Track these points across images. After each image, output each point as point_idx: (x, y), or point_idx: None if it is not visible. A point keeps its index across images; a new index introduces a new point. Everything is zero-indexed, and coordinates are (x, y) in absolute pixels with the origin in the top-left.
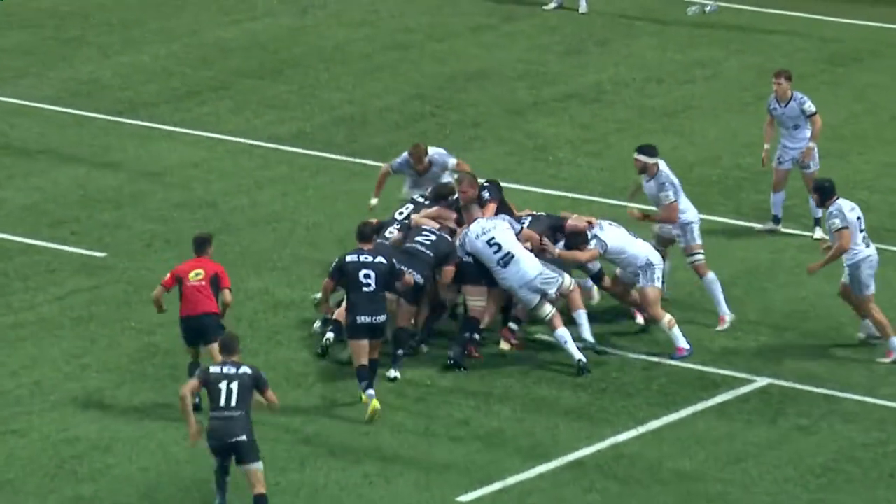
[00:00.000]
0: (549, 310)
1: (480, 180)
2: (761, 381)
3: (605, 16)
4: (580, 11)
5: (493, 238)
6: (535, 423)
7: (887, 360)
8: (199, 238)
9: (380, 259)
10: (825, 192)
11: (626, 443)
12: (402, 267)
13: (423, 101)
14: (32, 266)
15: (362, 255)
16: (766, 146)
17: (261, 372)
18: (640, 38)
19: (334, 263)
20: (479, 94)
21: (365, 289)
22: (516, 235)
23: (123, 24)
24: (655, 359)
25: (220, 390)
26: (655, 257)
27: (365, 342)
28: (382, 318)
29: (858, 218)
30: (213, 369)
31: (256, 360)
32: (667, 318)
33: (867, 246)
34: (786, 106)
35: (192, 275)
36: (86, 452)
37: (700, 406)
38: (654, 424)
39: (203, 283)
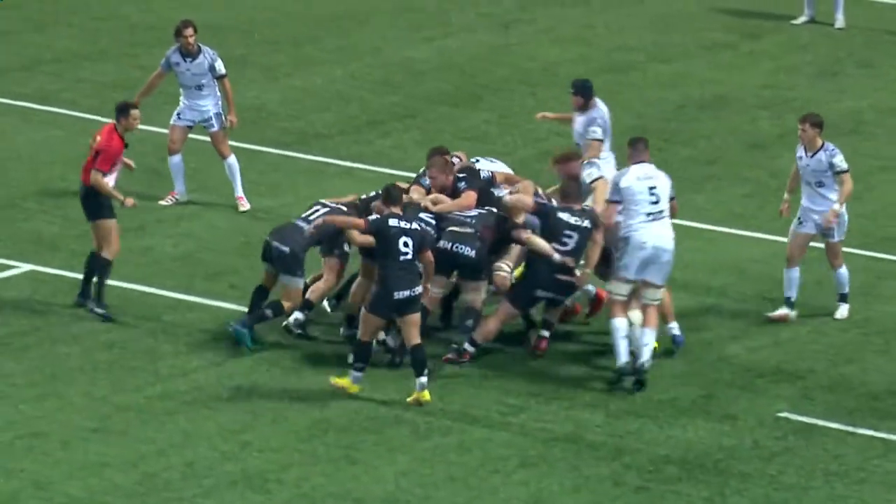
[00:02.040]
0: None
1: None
2: None
3: (866, 32)
4: (836, 27)
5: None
6: None
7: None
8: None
9: (415, 225)
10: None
11: None
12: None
13: (647, 134)
14: (184, 325)
15: (402, 220)
16: (787, 196)
17: None
18: None
19: (372, 222)
20: (714, 124)
21: (402, 258)
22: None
23: (293, 42)
24: None
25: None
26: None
27: (381, 322)
28: (419, 289)
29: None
30: None
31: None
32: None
33: None
34: (812, 156)
35: None
36: None
37: None
38: None
39: None
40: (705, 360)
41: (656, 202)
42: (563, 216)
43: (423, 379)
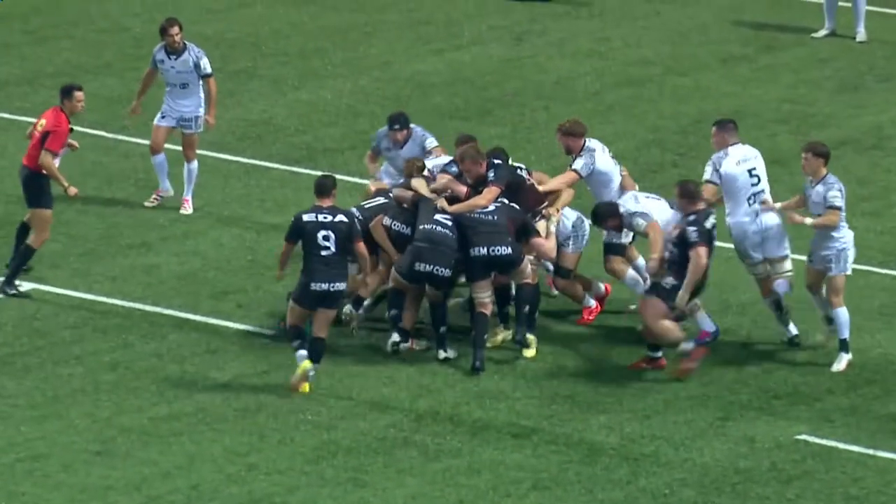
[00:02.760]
0: None
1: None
2: None
3: (888, 45)
4: (857, 40)
5: None
6: None
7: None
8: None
9: (340, 218)
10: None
11: None
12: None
13: (663, 149)
14: (190, 346)
15: (321, 213)
16: (778, 205)
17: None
18: None
19: (291, 224)
20: None
21: (323, 252)
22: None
23: (301, 54)
24: None
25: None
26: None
27: (305, 311)
28: (341, 285)
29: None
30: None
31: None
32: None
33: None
34: (814, 186)
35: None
36: None
37: None
38: None
39: None
40: (722, 381)
41: (757, 184)
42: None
43: (310, 366)
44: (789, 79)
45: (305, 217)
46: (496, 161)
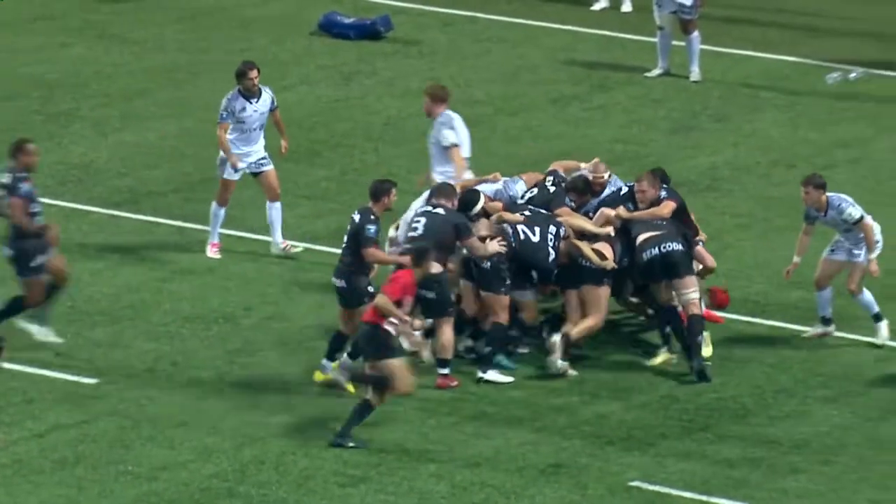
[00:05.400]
0: None
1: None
2: None
3: (722, 85)
4: (692, 79)
5: None
6: None
7: None
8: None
9: (355, 215)
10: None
11: None
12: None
13: None
14: (5, 395)
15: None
16: (796, 259)
17: None
18: (766, 111)
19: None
20: None
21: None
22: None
23: (124, 95)
24: None
25: None
26: None
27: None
28: (339, 282)
29: None
30: None
31: None
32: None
33: None
34: (825, 215)
35: None
36: None
37: None
38: None
39: None
40: (555, 426)
41: None
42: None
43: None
44: (622, 119)
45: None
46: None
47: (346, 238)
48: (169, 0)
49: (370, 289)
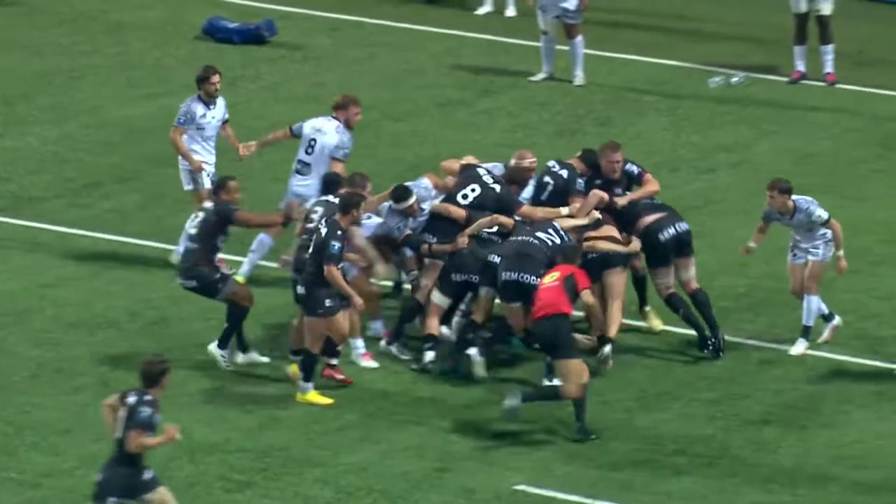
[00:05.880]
0: None
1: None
2: None
3: (606, 89)
4: (575, 83)
5: None
6: None
7: None
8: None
9: (322, 227)
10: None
11: None
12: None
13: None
14: None
15: None
16: (752, 244)
17: None
18: (649, 115)
19: None
20: None
21: None
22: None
23: (4, 101)
24: None
25: None
26: None
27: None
28: (301, 289)
29: None
30: None
31: None
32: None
33: None
34: (791, 218)
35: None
36: None
37: None
38: None
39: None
40: (440, 430)
41: None
42: None
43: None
44: (507, 123)
45: None
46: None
47: (310, 248)
48: (50, 4)
49: (328, 302)
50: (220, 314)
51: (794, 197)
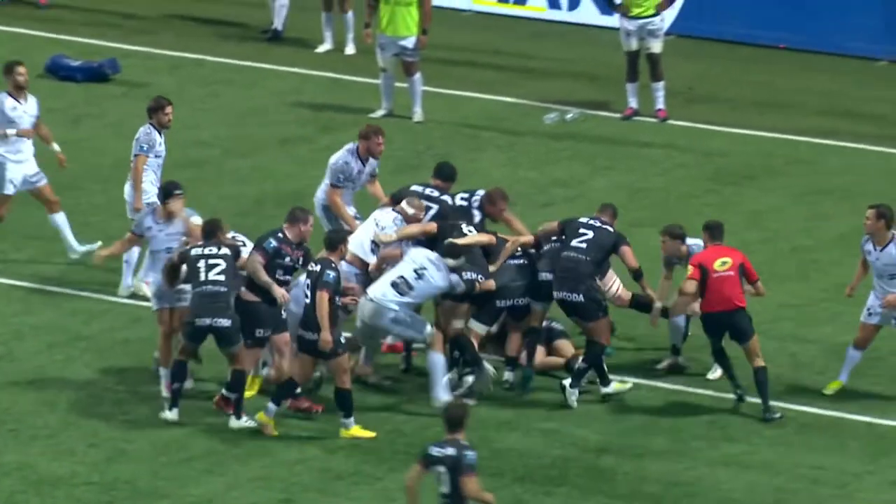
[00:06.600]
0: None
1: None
2: None
3: (444, 125)
4: (414, 120)
5: None
6: None
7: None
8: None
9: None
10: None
11: None
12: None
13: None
14: None
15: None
16: (658, 305)
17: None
18: (487, 151)
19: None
20: None
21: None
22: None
23: None
24: None
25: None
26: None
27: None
28: (309, 335)
29: None
30: None
31: None
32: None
33: None
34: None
35: (717, 263)
36: None
37: None
38: None
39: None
40: (285, 461)
41: None
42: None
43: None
44: None
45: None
46: None
47: (307, 290)
48: None
49: (341, 339)
50: (64, 351)
51: (688, 243)
